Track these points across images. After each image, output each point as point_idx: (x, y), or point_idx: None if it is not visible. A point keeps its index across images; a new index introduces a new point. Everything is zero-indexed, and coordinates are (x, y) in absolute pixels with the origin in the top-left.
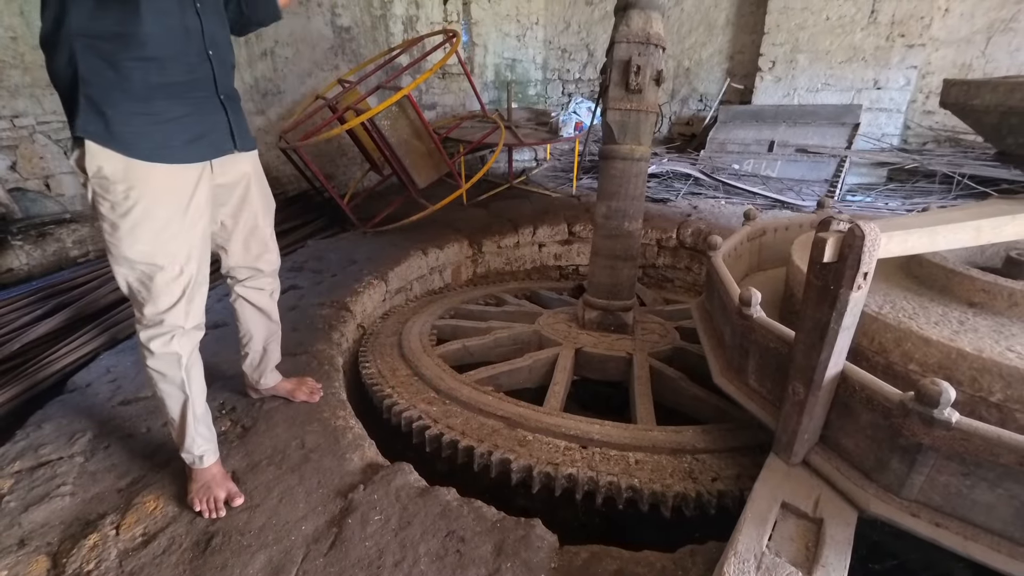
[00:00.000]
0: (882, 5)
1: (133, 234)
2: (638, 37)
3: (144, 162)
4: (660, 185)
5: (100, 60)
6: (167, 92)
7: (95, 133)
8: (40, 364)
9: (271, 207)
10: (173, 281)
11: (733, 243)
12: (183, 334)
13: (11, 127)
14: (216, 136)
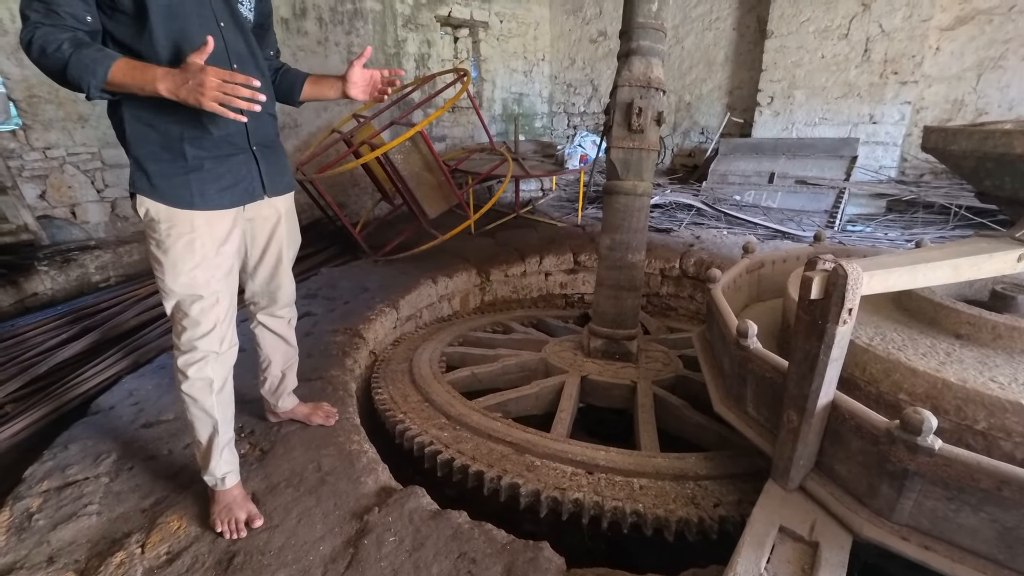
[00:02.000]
0: (874, 44)
1: (175, 268)
2: (639, 81)
3: (182, 210)
4: (663, 215)
5: (143, 126)
6: (201, 147)
7: (141, 187)
8: (66, 386)
9: (296, 243)
10: (210, 309)
11: (732, 275)
12: (216, 359)
13: (43, 158)
14: (247, 184)
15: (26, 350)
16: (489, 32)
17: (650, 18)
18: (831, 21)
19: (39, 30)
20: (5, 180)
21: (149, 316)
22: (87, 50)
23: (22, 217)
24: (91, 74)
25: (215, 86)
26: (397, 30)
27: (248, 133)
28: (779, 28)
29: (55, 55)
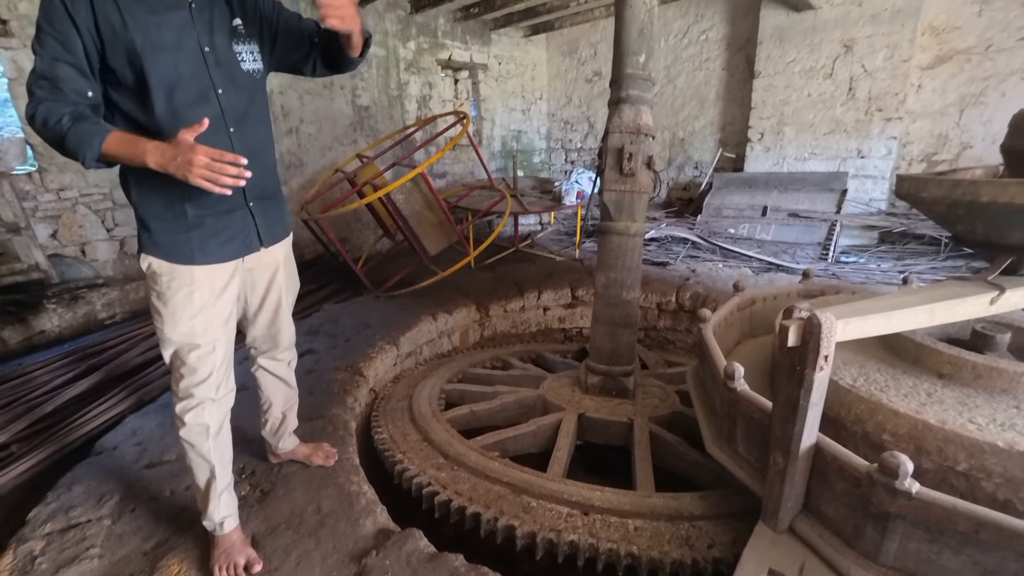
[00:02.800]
0: (858, 83)
1: (175, 318)
2: (629, 128)
3: (182, 265)
4: (660, 249)
5: (147, 188)
6: (200, 206)
7: (145, 244)
8: (71, 426)
9: (295, 287)
10: (207, 357)
11: (724, 313)
12: (213, 404)
13: (57, 199)
14: (244, 237)
15: (32, 389)
16: (488, 73)
17: (638, 69)
18: (815, 62)
19: (42, 105)
20: (19, 221)
21: (154, 354)
22: (85, 123)
23: (34, 256)
24: (87, 146)
25: (203, 164)
26: (400, 73)
27: (245, 190)
28: (766, 68)
29: (56, 128)
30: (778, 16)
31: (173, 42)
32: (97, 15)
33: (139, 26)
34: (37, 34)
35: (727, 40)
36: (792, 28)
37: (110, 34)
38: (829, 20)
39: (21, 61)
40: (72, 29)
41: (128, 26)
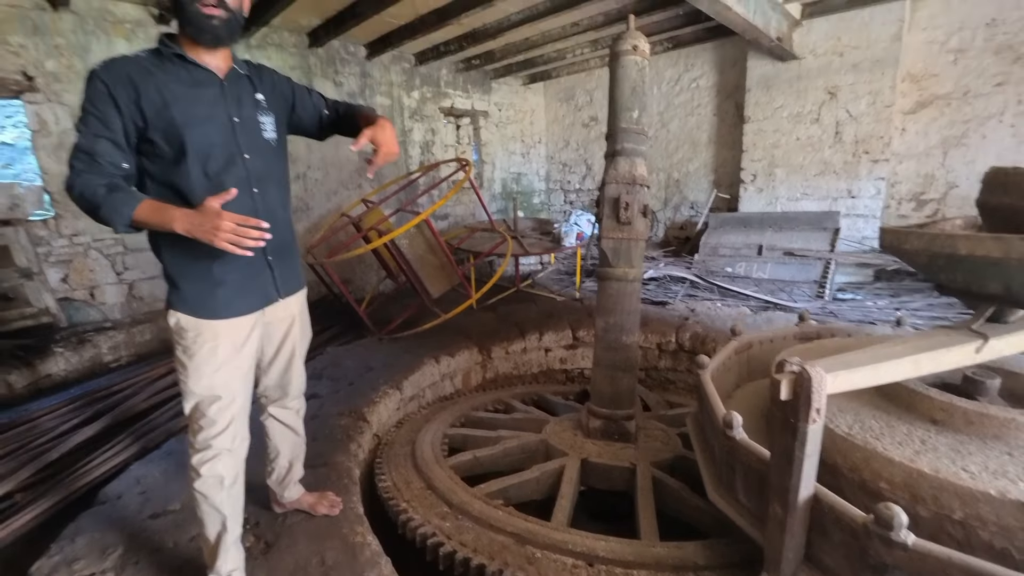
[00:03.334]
0: (844, 128)
1: (199, 371)
2: (625, 179)
3: (208, 320)
4: (658, 288)
5: (176, 249)
6: (225, 264)
7: (172, 300)
8: (75, 473)
9: (308, 337)
10: (226, 408)
11: (721, 358)
12: (229, 455)
13: (70, 244)
14: (264, 290)
15: (38, 435)
16: (489, 119)
17: (632, 124)
18: (802, 107)
19: (80, 178)
20: (32, 266)
21: (159, 399)
22: (119, 193)
23: (44, 300)
24: (119, 214)
25: (229, 229)
26: (404, 121)
27: (265, 248)
28: (755, 114)
29: (92, 198)
30: (764, 66)
31: (207, 115)
32: (140, 95)
33: (177, 102)
34: (81, 115)
35: (717, 87)
36: (778, 76)
37: (152, 111)
38: (813, 69)
39: (44, 115)
40: (113, 109)
41: (168, 103)
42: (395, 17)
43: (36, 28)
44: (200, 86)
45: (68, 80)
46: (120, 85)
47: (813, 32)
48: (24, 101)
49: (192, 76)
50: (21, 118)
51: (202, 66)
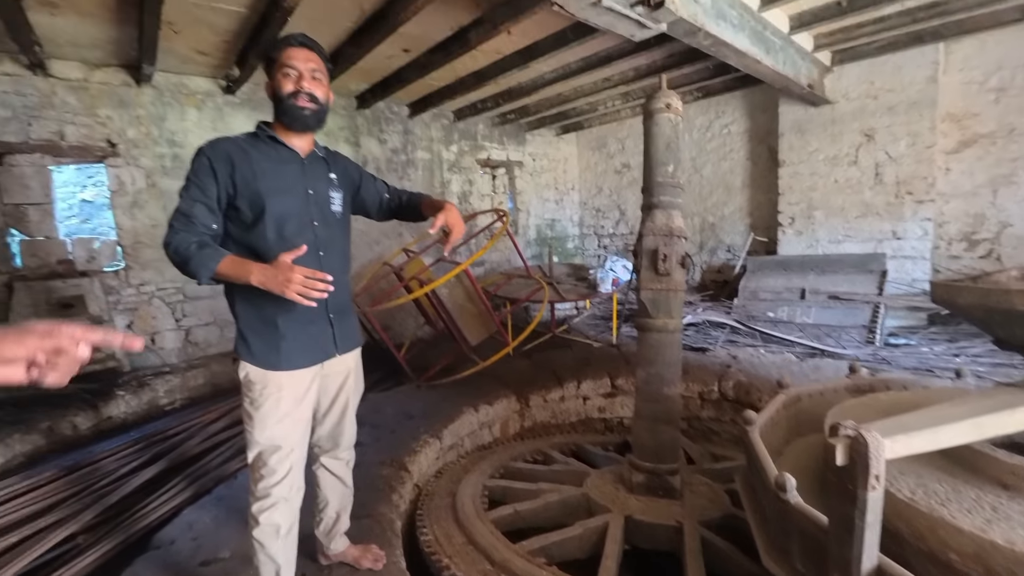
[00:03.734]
0: (884, 169)
1: (264, 422)
2: (662, 231)
3: (271, 371)
4: (698, 334)
5: (247, 304)
6: (289, 318)
7: (242, 353)
8: (133, 517)
9: (361, 391)
10: (285, 458)
11: (769, 413)
12: (285, 504)
13: (137, 293)
14: (323, 345)
15: (101, 477)
16: (523, 169)
17: (667, 178)
18: (838, 150)
19: (177, 235)
20: (103, 314)
21: (211, 443)
22: (206, 249)
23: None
24: (205, 267)
25: (299, 281)
26: (443, 173)
27: (327, 304)
28: (790, 157)
29: (184, 252)
30: (796, 111)
31: (287, 187)
32: (235, 170)
33: (264, 176)
34: (185, 183)
35: (749, 133)
36: (811, 121)
37: (243, 183)
38: (847, 113)
39: (123, 176)
40: (212, 180)
41: (257, 176)
42: (436, 80)
43: (122, 102)
44: (285, 163)
45: (145, 146)
46: (220, 161)
47: (845, 77)
48: (106, 165)
49: (279, 154)
50: (102, 179)
51: (288, 147)
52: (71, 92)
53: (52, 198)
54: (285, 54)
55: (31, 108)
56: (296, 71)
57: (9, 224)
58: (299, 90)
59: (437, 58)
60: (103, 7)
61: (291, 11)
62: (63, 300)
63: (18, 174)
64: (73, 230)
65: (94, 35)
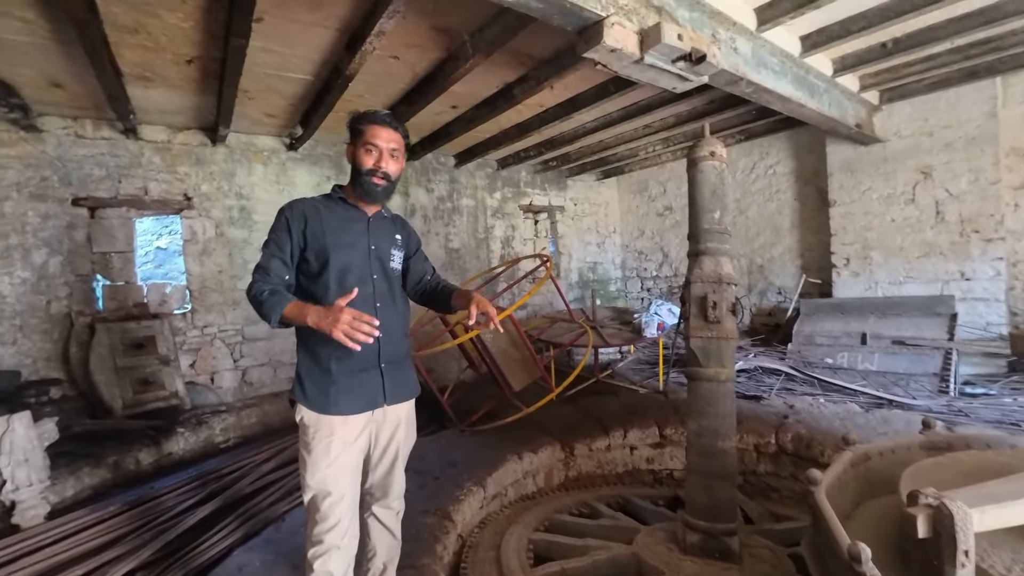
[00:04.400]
0: (945, 207)
1: (315, 465)
2: (711, 278)
3: (323, 415)
4: (750, 381)
5: (306, 349)
6: (341, 364)
7: (298, 395)
8: (188, 556)
9: (412, 441)
10: (336, 505)
11: (835, 472)
12: (338, 552)
13: (200, 334)
14: (372, 394)
15: (160, 513)
16: (565, 213)
17: (714, 224)
18: (893, 189)
19: (255, 285)
20: (170, 354)
21: (262, 483)
22: (275, 296)
23: (175, 385)
24: (275, 311)
25: (346, 321)
26: (487, 219)
27: (379, 353)
28: (840, 197)
29: (259, 299)
30: (845, 150)
31: (351, 242)
32: (307, 226)
33: (332, 232)
34: (267, 240)
35: (795, 173)
36: (861, 160)
37: (312, 238)
38: (900, 151)
39: (195, 226)
40: (287, 236)
41: (325, 232)
42: (482, 132)
43: (198, 160)
44: (352, 221)
45: (215, 199)
46: (296, 219)
47: (895, 115)
48: (182, 216)
49: (348, 214)
50: (176, 228)
51: (356, 207)
52: (156, 152)
53: (133, 247)
54: (371, 131)
55: (122, 167)
56: (378, 149)
57: (96, 270)
58: (377, 168)
59: (483, 113)
60: (189, 79)
61: (352, 77)
62: (136, 340)
63: (107, 225)
64: (148, 275)
65: (179, 103)
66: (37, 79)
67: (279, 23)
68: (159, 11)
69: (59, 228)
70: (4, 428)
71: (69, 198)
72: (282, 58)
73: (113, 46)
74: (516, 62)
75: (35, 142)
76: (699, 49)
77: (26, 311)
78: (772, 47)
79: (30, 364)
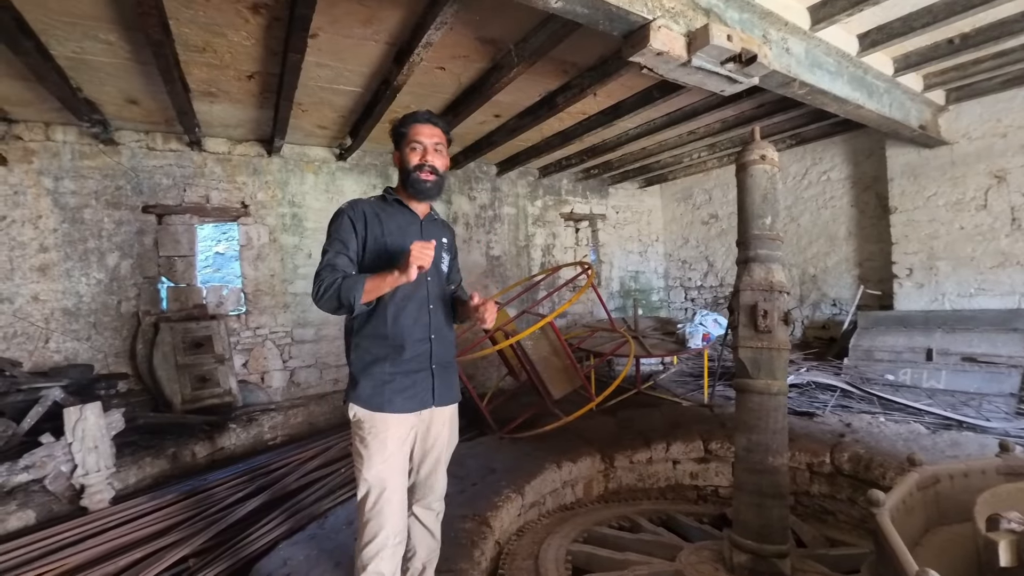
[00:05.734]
0: (1022, 213)
1: (371, 460)
2: (761, 286)
3: (377, 413)
4: (802, 396)
5: (362, 351)
6: (396, 366)
7: (351, 396)
8: (237, 545)
9: (454, 443)
10: (389, 500)
11: (900, 495)
12: (390, 552)
13: (253, 335)
14: (423, 395)
15: (212, 504)
16: (606, 222)
17: (765, 230)
18: (962, 194)
19: (324, 282)
20: (225, 353)
21: (306, 480)
22: (349, 279)
23: (229, 383)
24: (356, 290)
25: (417, 248)
26: (528, 227)
27: (431, 355)
28: (902, 204)
29: (332, 287)
30: (907, 154)
31: (409, 244)
32: (368, 228)
33: (390, 233)
34: (329, 240)
35: (851, 179)
36: (926, 164)
37: (372, 239)
38: (969, 154)
39: (251, 233)
40: (352, 235)
41: (385, 233)
42: (524, 141)
43: (255, 170)
44: (408, 224)
45: (270, 207)
46: (358, 220)
47: (964, 116)
48: (239, 223)
49: (403, 216)
50: (234, 235)
51: (411, 210)
52: (218, 163)
53: (195, 251)
54: (413, 130)
55: (187, 177)
56: (422, 146)
57: (161, 273)
58: (424, 163)
59: (525, 122)
60: (249, 95)
61: (400, 88)
62: (195, 340)
63: (172, 231)
64: (207, 279)
65: (240, 117)
66: (116, 96)
67: (333, 38)
68: (226, 31)
69: (130, 233)
70: (78, 416)
71: (140, 205)
72: (334, 72)
73: (183, 64)
74: (559, 70)
75: (112, 154)
76: (749, 50)
77: (100, 310)
78: (827, 47)
79: (101, 359)
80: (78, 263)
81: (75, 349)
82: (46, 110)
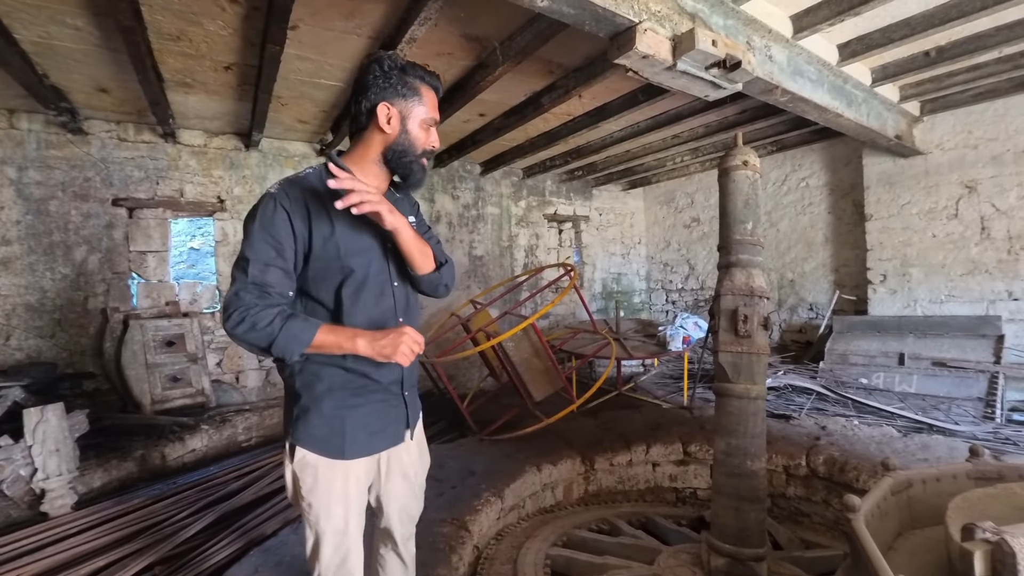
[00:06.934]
0: (992, 223)
1: (330, 512)
2: (742, 291)
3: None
4: (779, 399)
5: (314, 379)
6: (359, 396)
7: (301, 435)
8: (207, 552)
9: (427, 465)
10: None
11: (875, 500)
12: None
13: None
14: (394, 427)
15: (181, 508)
16: (590, 223)
17: (746, 235)
18: (935, 203)
19: (251, 311)
20: (199, 352)
21: (279, 484)
22: (295, 322)
23: (202, 382)
24: (299, 342)
25: (412, 342)
26: (511, 227)
27: (403, 379)
28: (878, 211)
29: (267, 330)
30: (883, 163)
31: (368, 245)
32: (312, 224)
33: (344, 232)
34: (250, 240)
35: (830, 186)
36: (901, 173)
37: (320, 241)
38: (942, 164)
39: (227, 228)
40: (291, 237)
41: (336, 232)
42: (508, 140)
43: (232, 164)
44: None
45: (248, 201)
46: (297, 213)
47: (938, 127)
48: (214, 218)
49: None
50: (209, 230)
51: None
52: (193, 156)
53: (168, 247)
54: (431, 99)
55: (160, 170)
56: (436, 124)
57: (132, 269)
58: (433, 148)
59: (511, 121)
60: (227, 86)
61: None
62: (167, 338)
63: (144, 225)
64: (180, 275)
65: (217, 109)
66: (86, 84)
67: (314, 31)
68: (202, 19)
69: (99, 227)
70: (38, 418)
71: (110, 198)
72: (315, 65)
73: (156, 53)
74: (545, 70)
75: (81, 144)
76: (733, 55)
77: (65, 306)
78: (809, 55)
79: (66, 357)
80: (43, 257)
81: (38, 347)
82: (10, 96)
